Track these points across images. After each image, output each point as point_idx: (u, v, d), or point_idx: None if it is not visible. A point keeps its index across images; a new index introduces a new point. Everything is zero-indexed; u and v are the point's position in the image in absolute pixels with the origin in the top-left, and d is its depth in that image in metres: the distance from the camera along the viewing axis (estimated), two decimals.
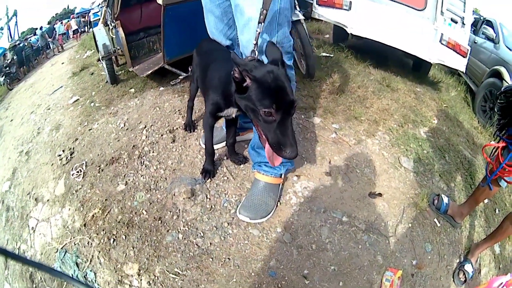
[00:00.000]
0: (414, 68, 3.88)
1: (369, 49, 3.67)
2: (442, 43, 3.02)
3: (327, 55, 3.33)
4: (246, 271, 1.27)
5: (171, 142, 1.90)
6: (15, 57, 10.05)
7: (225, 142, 1.68)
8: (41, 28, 13.56)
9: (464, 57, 3.12)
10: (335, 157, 1.84)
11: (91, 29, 12.33)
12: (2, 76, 9.19)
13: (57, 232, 1.60)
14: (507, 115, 1.30)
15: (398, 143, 2.14)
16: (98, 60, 3.13)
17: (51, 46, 12.41)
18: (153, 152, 1.85)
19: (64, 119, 2.64)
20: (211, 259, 1.30)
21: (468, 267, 1.50)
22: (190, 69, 2.37)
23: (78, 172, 1.87)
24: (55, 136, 2.43)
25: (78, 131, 2.31)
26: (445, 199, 1.70)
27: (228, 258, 1.30)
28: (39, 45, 12.20)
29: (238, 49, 1.41)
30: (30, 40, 12.65)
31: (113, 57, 2.83)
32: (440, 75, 4.27)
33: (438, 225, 1.67)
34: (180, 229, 1.41)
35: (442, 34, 3.01)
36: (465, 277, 1.49)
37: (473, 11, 4.52)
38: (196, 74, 1.61)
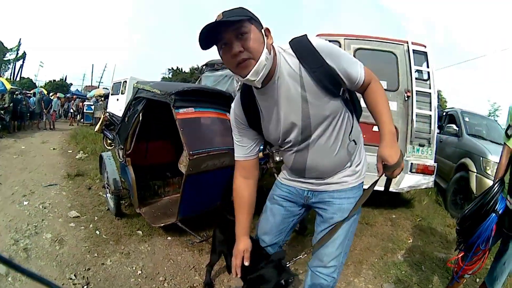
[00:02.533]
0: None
1: None
2: (412, 172, 3.62)
3: None
4: None
5: None
6: (11, 105, 10.15)
7: None
8: (41, 92, 13.97)
9: (431, 175, 3.71)
10: None
11: (82, 119, 13.02)
12: None
13: None
14: (462, 236, 1.87)
15: (380, 274, 2.67)
16: (103, 187, 3.43)
17: (44, 118, 12.76)
18: None
19: (66, 235, 2.86)
20: None
21: None
22: (206, 235, 2.75)
23: None
24: (59, 251, 2.61)
25: (87, 259, 2.52)
26: None
27: None
28: (35, 110, 12.53)
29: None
30: (29, 99, 12.95)
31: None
32: None
33: None
34: None
35: (411, 164, 3.64)
36: None
37: (438, 97, 5.27)
38: (220, 249, 2.00)
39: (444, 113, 6.07)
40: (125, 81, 9.95)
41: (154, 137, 3.38)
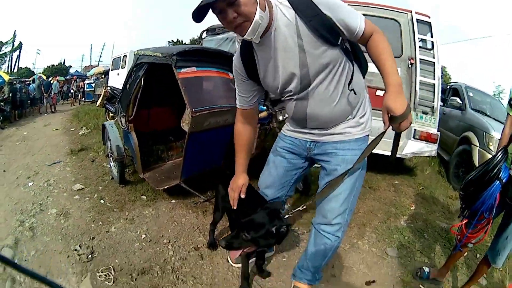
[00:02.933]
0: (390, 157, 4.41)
1: None
2: (415, 138, 3.63)
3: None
4: None
5: (200, 260, 2.25)
6: (10, 95, 10.18)
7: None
8: (39, 78, 13.86)
9: (434, 143, 3.71)
10: (336, 262, 2.33)
11: (83, 98, 12.91)
12: None
13: None
14: (466, 202, 1.84)
15: (383, 238, 2.68)
16: (106, 156, 3.43)
17: (44, 102, 12.73)
18: (185, 267, 2.17)
19: (71, 208, 2.87)
20: None
21: None
22: (209, 195, 2.76)
23: (106, 275, 2.03)
24: (64, 224, 2.64)
25: (92, 228, 2.55)
26: (426, 269, 2.21)
27: None
28: (35, 96, 12.49)
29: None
30: (28, 86, 12.93)
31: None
32: (415, 157, 4.87)
33: None
34: None
35: (415, 130, 3.65)
36: None
37: (442, 73, 5.24)
38: (223, 205, 2.02)
39: (448, 87, 6.01)
40: (125, 55, 9.83)
41: (156, 103, 3.37)
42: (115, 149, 2.98)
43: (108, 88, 4.17)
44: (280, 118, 2.79)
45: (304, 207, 1.51)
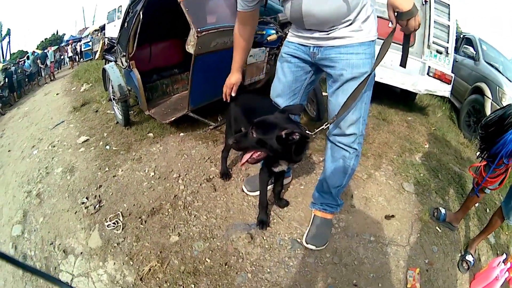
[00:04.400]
0: (402, 94, 4.34)
1: None
2: (429, 75, 3.56)
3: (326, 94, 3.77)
4: None
5: (213, 191, 2.13)
6: (6, 80, 9.96)
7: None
8: (33, 53, 13.46)
9: (448, 84, 3.63)
10: (355, 192, 2.25)
11: (81, 59, 12.48)
12: None
13: None
14: (486, 142, 1.75)
15: (399, 172, 2.58)
16: (109, 100, 3.29)
17: (42, 73, 12.40)
18: (197, 202, 2.07)
19: (77, 161, 2.73)
20: None
21: (469, 257, 1.93)
22: (219, 119, 2.61)
23: (114, 223, 1.93)
24: (70, 179, 2.51)
25: (99, 176, 2.42)
26: (443, 211, 2.17)
27: (295, 285, 1.61)
28: (31, 71, 12.17)
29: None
30: (23, 65, 12.64)
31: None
32: (426, 98, 4.84)
33: (440, 231, 2.09)
34: (248, 269, 1.65)
35: (429, 67, 3.58)
36: (468, 265, 1.91)
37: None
38: (235, 127, 1.87)
39: (461, 36, 5.78)
40: (120, 6, 9.48)
41: (158, 38, 3.16)
42: (117, 88, 2.80)
43: (106, 39, 3.97)
44: None
45: (328, 125, 1.45)
